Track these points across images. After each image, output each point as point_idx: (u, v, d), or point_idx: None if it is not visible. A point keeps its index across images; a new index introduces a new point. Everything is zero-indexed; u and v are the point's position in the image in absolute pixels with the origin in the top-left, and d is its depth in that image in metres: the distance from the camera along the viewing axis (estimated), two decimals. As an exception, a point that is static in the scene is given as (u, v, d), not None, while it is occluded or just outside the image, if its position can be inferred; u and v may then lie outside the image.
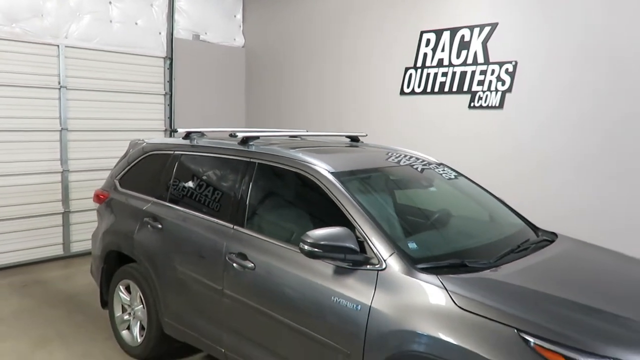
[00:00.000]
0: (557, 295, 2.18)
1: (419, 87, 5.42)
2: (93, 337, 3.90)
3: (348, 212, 2.54)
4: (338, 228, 2.39)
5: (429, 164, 3.41)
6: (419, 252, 2.47)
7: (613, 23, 4.11)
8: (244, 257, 2.83)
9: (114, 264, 3.80)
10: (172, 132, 6.52)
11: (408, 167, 3.28)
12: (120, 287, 3.71)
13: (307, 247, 2.34)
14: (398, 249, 2.36)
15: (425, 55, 5.35)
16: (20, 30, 5.27)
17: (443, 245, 2.75)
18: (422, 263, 2.32)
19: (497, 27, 4.80)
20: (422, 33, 5.37)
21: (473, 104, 4.98)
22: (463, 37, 5.05)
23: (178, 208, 3.38)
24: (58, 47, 5.55)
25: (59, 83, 5.59)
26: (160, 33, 6.44)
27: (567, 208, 4.36)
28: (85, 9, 5.73)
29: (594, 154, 4.24)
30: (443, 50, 5.21)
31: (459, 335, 2.01)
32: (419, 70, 5.41)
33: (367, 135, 4.00)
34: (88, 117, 5.86)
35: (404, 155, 3.42)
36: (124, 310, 3.73)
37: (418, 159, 3.43)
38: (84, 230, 5.78)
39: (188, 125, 3.87)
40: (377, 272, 2.32)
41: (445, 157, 3.87)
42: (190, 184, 3.44)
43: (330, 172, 2.73)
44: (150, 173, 3.73)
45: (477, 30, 4.94)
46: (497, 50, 4.80)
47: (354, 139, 3.90)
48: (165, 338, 3.42)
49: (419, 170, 3.31)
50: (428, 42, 5.33)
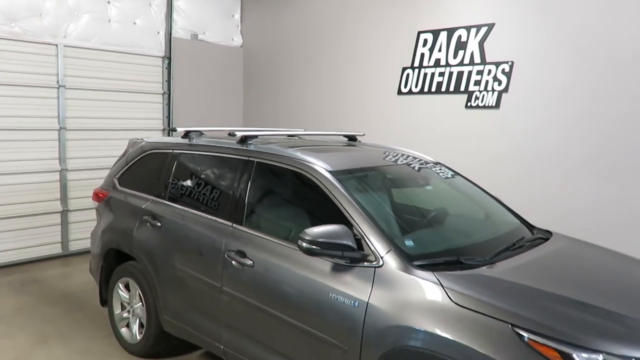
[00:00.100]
0: (551, 292, 2.21)
1: (416, 87, 5.45)
2: (92, 334, 3.92)
3: (345, 210, 2.57)
4: (336, 226, 2.42)
5: (426, 163, 3.45)
6: (416, 249, 2.50)
7: (609, 23, 4.15)
8: (243, 254, 2.86)
9: (113, 262, 3.82)
10: (170, 131, 6.54)
11: (405, 166, 3.31)
12: (120, 285, 3.73)
13: (305, 244, 2.37)
14: (395, 246, 2.39)
15: (423, 55, 5.39)
16: (19, 30, 5.28)
17: (439, 243, 2.79)
18: (418, 260, 2.35)
19: (493, 27, 4.83)
20: (419, 33, 5.40)
21: (470, 104, 5.02)
22: (460, 37, 5.08)
23: (177, 206, 3.41)
24: (57, 46, 5.56)
25: (58, 82, 5.61)
26: (159, 32, 6.46)
27: (563, 207, 4.40)
28: (84, 9, 5.75)
29: (590, 154, 4.28)
30: (440, 50, 5.25)
31: (455, 331, 2.05)
32: (416, 70, 5.44)
33: (364, 135, 4.03)
34: (86, 116, 5.87)
35: (401, 155, 3.45)
36: (123, 308, 3.76)
37: (415, 158, 3.46)
38: (83, 229, 5.80)
39: (186, 125, 3.90)
40: (374, 269, 2.36)
41: (442, 156, 3.90)
42: (189, 183, 3.46)
43: (328, 170, 2.77)
44: (149, 172, 3.75)
45: (474, 31, 4.97)
46: (493, 51, 4.84)
47: (352, 139, 3.93)
48: (164, 335, 3.45)
49: (416, 169, 3.34)
50: (425, 42, 5.36)
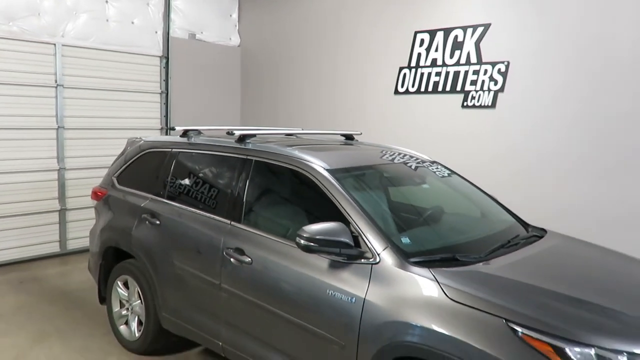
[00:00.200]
0: (544, 288, 2.25)
1: (413, 86, 5.49)
2: (91, 332, 3.94)
3: (343, 207, 2.60)
4: (333, 223, 2.46)
5: (423, 162, 3.48)
6: (412, 246, 2.53)
7: (604, 24, 4.19)
8: (241, 252, 2.89)
9: (112, 260, 3.84)
10: (168, 130, 6.56)
11: (402, 164, 3.35)
12: (118, 282, 3.76)
13: (303, 241, 2.40)
14: (391, 244, 2.42)
15: (419, 55, 5.43)
16: (18, 29, 5.30)
17: (435, 240, 2.82)
18: (414, 257, 2.39)
19: (489, 27, 4.87)
20: (416, 33, 5.44)
21: (466, 104, 5.06)
22: (456, 37, 5.12)
23: (176, 204, 3.43)
24: (55, 45, 5.58)
25: (56, 81, 5.62)
26: (157, 32, 6.48)
27: (559, 206, 4.44)
28: (82, 8, 5.76)
29: (586, 153, 4.32)
30: (437, 50, 5.28)
31: (450, 326, 2.08)
32: (413, 70, 5.48)
33: (361, 134, 4.06)
34: (84, 115, 5.89)
35: (398, 153, 3.49)
36: (122, 306, 3.78)
37: (412, 157, 3.49)
38: (81, 228, 5.82)
39: (184, 124, 3.92)
40: (371, 265, 2.39)
41: (439, 155, 3.94)
42: (188, 181, 3.49)
43: (326, 169, 2.80)
44: (148, 170, 3.77)
45: (470, 31, 5.01)
46: (489, 51, 4.88)
47: (349, 137, 3.97)
48: (163, 332, 3.48)
49: (413, 168, 3.38)
50: (422, 42, 5.40)
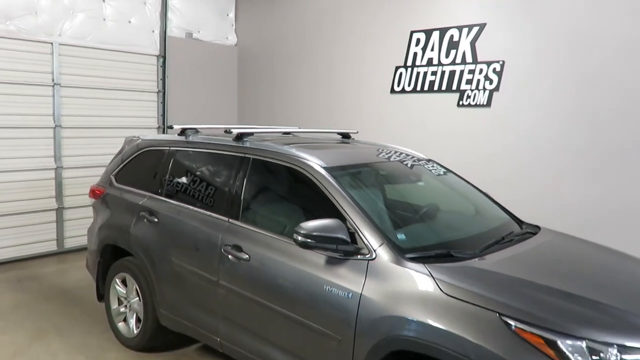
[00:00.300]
0: (537, 283, 2.29)
1: (409, 85, 5.53)
2: (89, 329, 3.96)
3: (339, 204, 2.64)
4: (330, 220, 2.49)
5: (418, 160, 3.52)
6: (408, 242, 2.57)
7: (597, 23, 4.24)
8: (239, 249, 2.92)
9: (110, 258, 3.86)
10: (165, 129, 6.58)
11: (398, 163, 3.38)
12: (117, 280, 3.78)
13: (300, 237, 2.44)
14: (387, 240, 2.46)
15: (415, 55, 5.47)
16: (15, 28, 5.30)
17: (431, 237, 2.86)
18: (410, 253, 2.42)
19: (485, 27, 4.92)
20: (412, 33, 5.48)
21: (462, 103, 5.10)
22: (452, 37, 5.16)
23: (174, 202, 3.46)
24: (52, 44, 5.59)
25: (53, 80, 5.63)
26: (154, 31, 6.50)
27: (554, 203, 4.49)
28: (79, 7, 5.77)
29: (580, 151, 4.37)
30: (432, 50, 5.33)
31: (445, 320, 2.12)
32: (409, 69, 5.52)
33: (358, 133, 4.09)
34: (82, 114, 5.90)
35: (394, 152, 3.53)
36: (120, 303, 3.80)
37: (407, 155, 3.53)
38: (78, 227, 5.84)
39: (181, 123, 3.94)
40: (367, 261, 2.43)
41: (435, 154, 3.97)
42: (186, 179, 3.52)
43: (323, 166, 2.83)
44: (146, 169, 3.80)
45: (465, 31, 5.06)
46: (485, 50, 4.93)
47: (345, 136, 4.00)
48: (161, 329, 3.50)
49: (408, 166, 3.41)
50: (418, 41, 5.44)
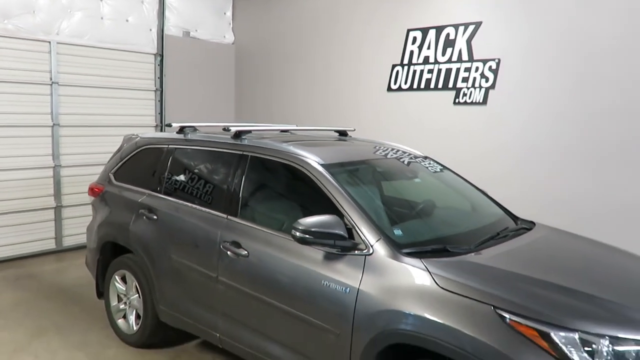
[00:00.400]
0: (532, 277, 2.33)
1: (406, 83, 5.57)
2: (89, 327, 3.99)
3: (337, 201, 2.67)
4: (328, 216, 2.53)
5: (415, 157, 3.56)
6: (404, 238, 2.61)
7: (592, 21, 4.28)
8: (238, 245, 2.95)
9: (110, 255, 3.89)
10: (162, 127, 6.60)
11: (395, 160, 3.42)
12: (116, 277, 3.81)
13: (298, 233, 2.48)
14: (384, 235, 2.50)
15: (412, 53, 5.50)
16: (13, 27, 5.32)
17: (427, 233, 2.90)
18: (406, 248, 2.46)
19: (481, 25, 4.96)
20: (408, 31, 5.51)
21: (458, 100, 5.14)
22: (448, 35, 5.20)
23: (173, 200, 3.49)
24: (50, 43, 5.59)
25: (51, 79, 5.64)
26: (151, 30, 6.52)
27: (550, 199, 4.53)
28: (77, 6, 5.78)
29: (576, 147, 4.41)
30: (429, 48, 5.36)
31: (441, 313, 2.16)
32: (406, 67, 5.56)
33: (355, 130, 4.13)
34: (80, 112, 5.91)
35: (391, 149, 3.56)
36: (120, 300, 3.83)
37: (404, 153, 3.57)
38: (76, 225, 5.85)
39: (178, 121, 3.96)
40: (364, 256, 2.46)
41: (431, 151, 4.00)
42: (185, 177, 3.54)
43: (320, 163, 2.86)
44: (145, 166, 3.82)
45: (461, 29, 5.09)
46: (481, 48, 4.96)
47: (342, 134, 4.03)
48: (161, 325, 3.53)
49: (405, 163, 3.45)
50: (414, 40, 5.47)
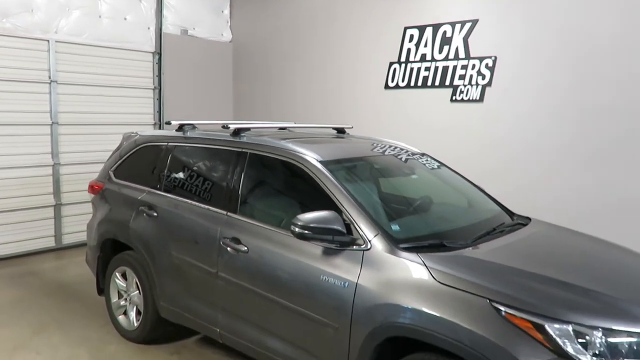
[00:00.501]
0: (527, 271, 2.37)
1: (403, 81, 5.60)
2: (90, 323, 4.02)
3: (335, 197, 2.71)
4: (326, 212, 2.57)
5: (412, 154, 3.59)
6: (401, 233, 2.65)
7: (587, 18, 4.32)
8: (238, 241, 2.99)
9: (110, 252, 3.92)
10: (161, 125, 6.63)
11: (392, 156, 3.46)
12: (117, 274, 3.84)
13: (297, 229, 2.51)
14: (382, 231, 2.54)
15: (409, 51, 5.54)
16: (11, 25, 5.33)
17: (424, 228, 2.94)
18: (404, 243, 2.50)
19: (477, 23, 4.99)
20: (405, 29, 5.55)
21: (455, 98, 5.18)
22: (445, 33, 5.24)
23: (173, 197, 3.52)
24: (48, 42, 5.62)
25: (50, 77, 5.66)
26: (149, 28, 6.53)
27: (545, 195, 4.58)
28: (75, 4, 5.80)
29: (571, 144, 4.46)
30: (426, 46, 5.40)
31: (438, 307, 2.20)
32: (403, 65, 5.59)
33: (352, 127, 4.16)
34: (78, 111, 5.94)
35: (389, 146, 3.60)
36: (120, 296, 3.86)
37: (402, 150, 3.61)
38: (76, 223, 5.88)
39: (176, 119, 3.99)
40: (362, 251, 2.50)
41: (428, 148, 4.04)
42: (184, 174, 3.57)
43: (319, 160, 2.90)
44: (145, 164, 3.85)
45: (458, 27, 5.13)
46: (477, 46, 5.00)
47: (340, 131, 4.07)
48: (161, 321, 3.57)
49: (403, 160, 3.49)
50: (411, 37, 5.51)
